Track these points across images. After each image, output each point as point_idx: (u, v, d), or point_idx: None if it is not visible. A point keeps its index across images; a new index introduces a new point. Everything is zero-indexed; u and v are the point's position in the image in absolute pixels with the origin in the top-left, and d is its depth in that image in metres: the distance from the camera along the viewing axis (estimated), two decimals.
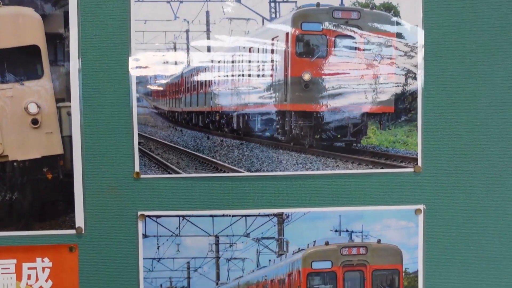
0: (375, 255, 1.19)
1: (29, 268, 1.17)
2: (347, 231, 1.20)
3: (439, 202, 1.20)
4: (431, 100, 1.19)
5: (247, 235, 1.19)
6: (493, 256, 1.22)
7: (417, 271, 1.21)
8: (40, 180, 1.16)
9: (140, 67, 1.15)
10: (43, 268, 1.17)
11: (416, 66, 1.18)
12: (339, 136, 1.18)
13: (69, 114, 1.15)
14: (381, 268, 1.20)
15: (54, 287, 1.17)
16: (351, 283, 1.19)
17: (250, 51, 1.16)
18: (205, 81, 1.17)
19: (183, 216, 1.18)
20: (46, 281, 1.17)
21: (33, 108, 1.14)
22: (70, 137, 1.15)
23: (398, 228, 1.20)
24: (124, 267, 1.18)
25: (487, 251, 1.21)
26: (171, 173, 1.17)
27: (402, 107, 1.18)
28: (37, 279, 1.17)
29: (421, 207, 1.20)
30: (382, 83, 1.18)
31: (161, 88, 1.16)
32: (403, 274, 1.20)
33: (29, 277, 1.17)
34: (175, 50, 1.15)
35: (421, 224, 1.20)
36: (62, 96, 1.15)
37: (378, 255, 1.19)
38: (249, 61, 1.16)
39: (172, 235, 1.18)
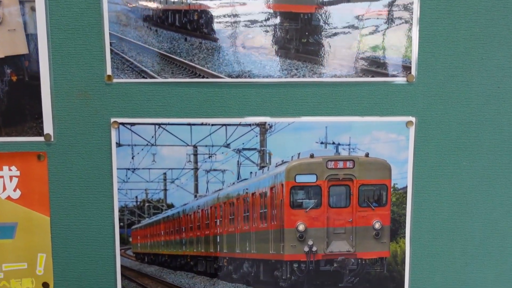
0: (363, 169, 1.13)
1: None
2: (333, 143, 1.13)
3: (432, 114, 1.13)
4: (428, 4, 1.09)
5: (228, 146, 1.12)
6: (486, 172, 1.15)
7: (406, 186, 1.15)
8: (3, 83, 1.07)
9: None
10: (11, 177, 1.11)
11: None
12: (327, 40, 1.09)
13: (33, 9, 1.05)
14: (369, 183, 1.14)
15: (22, 197, 1.11)
16: (337, 198, 1.14)
17: None
18: None
19: (159, 124, 1.11)
20: (14, 190, 1.11)
21: None
22: (36, 35, 1.06)
23: (387, 141, 1.13)
24: (97, 177, 1.12)
25: (480, 167, 1.15)
26: (146, 78, 1.09)
27: (397, 10, 1.09)
28: (4, 188, 1.11)
29: (413, 119, 1.13)
30: None
31: None
32: (391, 189, 1.14)
33: None
34: None
35: (412, 137, 1.13)
36: None
37: (365, 169, 1.13)
38: None
39: (147, 144, 1.11)
